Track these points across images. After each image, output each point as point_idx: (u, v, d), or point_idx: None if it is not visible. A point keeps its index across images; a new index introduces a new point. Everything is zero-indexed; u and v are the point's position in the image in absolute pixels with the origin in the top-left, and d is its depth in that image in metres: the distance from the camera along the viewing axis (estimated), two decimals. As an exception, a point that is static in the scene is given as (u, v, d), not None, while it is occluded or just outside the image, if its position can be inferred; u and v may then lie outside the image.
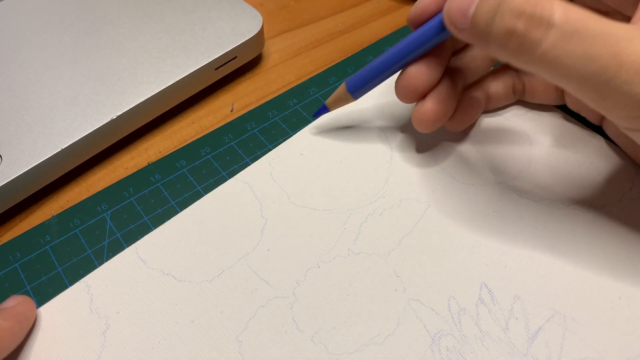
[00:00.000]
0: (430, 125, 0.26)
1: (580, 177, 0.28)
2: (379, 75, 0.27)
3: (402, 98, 0.26)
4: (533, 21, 0.19)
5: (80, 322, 0.23)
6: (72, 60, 0.31)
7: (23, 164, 0.27)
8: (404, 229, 0.26)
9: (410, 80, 0.25)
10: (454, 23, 0.22)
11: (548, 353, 0.22)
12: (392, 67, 0.26)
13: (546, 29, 0.19)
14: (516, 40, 0.20)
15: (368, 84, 0.27)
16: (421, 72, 0.25)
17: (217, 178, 0.29)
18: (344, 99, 0.28)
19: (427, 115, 0.26)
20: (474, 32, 0.21)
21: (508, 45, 0.20)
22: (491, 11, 0.20)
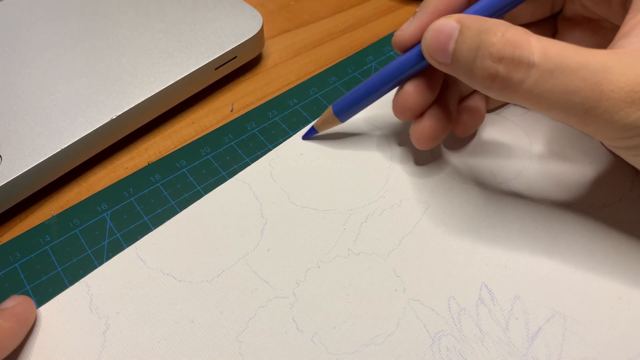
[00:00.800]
0: (429, 143, 0.26)
1: (580, 177, 0.28)
2: (365, 99, 0.27)
3: (399, 116, 0.26)
4: (513, 64, 0.20)
5: (80, 322, 0.23)
6: (72, 60, 0.31)
7: (23, 164, 0.27)
8: (404, 229, 0.26)
9: (407, 99, 0.25)
10: (434, 58, 0.23)
11: (548, 353, 0.22)
12: (378, 91, 0.27)
13: (527, 69, 0.20)
14: (499, 83, 0.21)
15: (354, 107, 0.28)
16: (417, 90, 0.25)
17: (217, 178, 0.29)
18: (330, 122, 0.29)
19: (425, 134, 0.26)
20: (455, 69, 0.22)
21: (492, 87, 0.21)
22: (471, 50, 0.21)
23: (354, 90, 0.28)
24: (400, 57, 0.25)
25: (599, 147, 0.29)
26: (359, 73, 0.34)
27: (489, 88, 0.21)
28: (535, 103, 0.21)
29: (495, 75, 0.20)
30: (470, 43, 0.21)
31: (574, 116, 0.20)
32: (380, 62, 0.34)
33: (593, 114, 0.20)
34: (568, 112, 0.20)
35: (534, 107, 0.21)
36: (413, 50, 0.25)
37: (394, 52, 0.35)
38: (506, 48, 0.20)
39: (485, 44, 0.20)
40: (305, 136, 0.30)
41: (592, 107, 0.19)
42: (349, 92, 0.28)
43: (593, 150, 0.29)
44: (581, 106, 0.20)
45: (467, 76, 0.22)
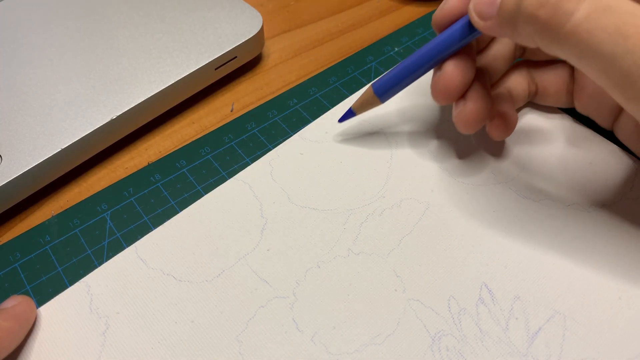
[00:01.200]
0: (475, 125, 0.26)
1: (580, 177, 0.28)
2: (406, 77, 0.26)
3: (441, 99, 0.25)
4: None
5: (80, 322, 0.23)
6: (72, 60, 0.31)
7: (23, 164, 0.27)
8: (404, 229, 0.26)
9: (448, 81, 0.25)
10: (481, 14, 0.22)
11: (548, 353, 0.22)
12: (420, 69, 0.26)
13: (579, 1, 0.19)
14: (547, 11, 0.19)
15: (395, 86, 0.27)
16: (457, 71, 0.25)
17: (217, 178, 0.29)
18: (371, 103, 0.28)
19: (471, 115, 0.25)
20: (501, 18, 0.21)
21: (538, 19, 0.20)
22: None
23: (395, 69, 0.27)
24: (441, 33, 0.25)
25: (599, 147, 0.29)
26: (359, 73, 0.34)
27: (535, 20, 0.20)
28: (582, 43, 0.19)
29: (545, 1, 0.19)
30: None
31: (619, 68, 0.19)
32: (380, 62, 0.34)
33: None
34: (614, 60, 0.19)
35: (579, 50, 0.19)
36: (455, 26, 0.24)
37: (395, 52, 0.35)
38: None
39: None
40: (342, 119, 0.29)
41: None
42: (390, 71, 0.27)
43: (593, 150, 0.29)
44: (630, 55, 0.18)
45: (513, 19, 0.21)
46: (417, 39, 0.36)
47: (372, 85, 0.28)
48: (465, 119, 0.25)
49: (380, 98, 0.28)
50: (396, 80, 0.27)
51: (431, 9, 0.38)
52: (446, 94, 0.25)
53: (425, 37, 0.36)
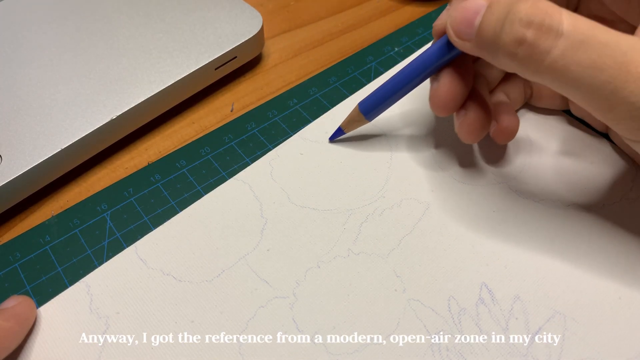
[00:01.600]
0: (479, 134, 0.26)
1: (580, 177, 0.28)
2: (392, 96, 0.27)
3: (439, 111, 0.25)
4: (542, 30, 0.19)
5: (80, 322, 0.23)
6: (72, 60, 0.31)
7: (23, 164, 0.27)
8: (404, 229, 0.26)
9: (446, 93, 0.24)
10: (459, 34, 0.22)
11: (548, 353, 0.22)
12: (406, 86, 0.26)
13: (555, 38, 0.19)
14: (526, 50, 0.20)
15: (381, 105, 0.27)
16: (454, 82, 0.24)
17: (217, 178, 0.29)
18: (357, 121, 0.28)
19: (473, 125, 0.25)
20: (480, 43, 0.21)
21: (517, 55, 0.20)
22: (499, 20, 0.20)
23: (380, 88, 0.27)
24: (427, 48, 0.25)
25: (599, 148, 0.29)
26: (359, 73, 0.34)
27: (514, 56, 0.20)
28: (560, 77, 0.20)
29: (522, 40, 0.20)
30: (498, 14, 0.20)
31: (598, 97, 0.19)
32: (380, 62, 0.34)
33: (618, 96, 0.19)
34: (592, 91, 0.19)
35: (558, 83, 0.20)
36: (438, 43, 0.24)
37: (395, 52, 0.35)
38: (536, 14, 0.20)
39: (515, 10, 0.20)
40: (331, 138, 0.30)
41: (618, 88, 0.19)
42: (376, 90, 0.27)
43: (593, 150, 0.29)
44: (607, 85, 0.19)
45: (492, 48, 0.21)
46: (417, 39, 0.36)
47: (358, 104, 0.28)
48: (468, 129, 0.25)
49: (366, 117, 0.28)
50: (382, 100, 0.27)
51: (431, 9, 0.38)
52: (445, 106, 0.25)
53: (425, 37, 0.36)
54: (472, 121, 0.25)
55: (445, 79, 0.24)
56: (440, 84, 0.25)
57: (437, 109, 0.25)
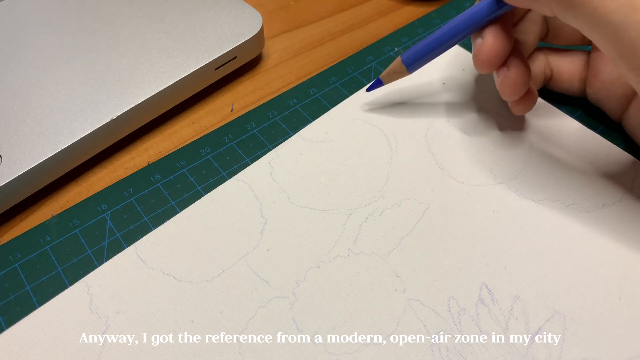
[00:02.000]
0: (520, 90, 0.26)
1: (580, 177, 0.28)
2: (435, 49, 0.27)
3: (484, 67, 0.26)
4: None
5: (80, 322, 0.23)
6: (72, 60, 0.31)
7: (23, 164, 0.27)
8: (404, 229, 0.26)
9: (490, 49, 0.25)
10: None
11: (548, 353, 0.22)
12: (449, 41, 0.27)
13: None
14: None
15: (424, 57, 0.28)
16: (498, 39, 0.25)
17: (217, 178, 0.29)
18: (399, 72, 0.29)
19: (515, 81, 0.26)
20: None
21: None
22: None
23: (424, 40, 0.28)
24: (471, 7, 0.26)
25: (599, 148, 0.29)
26: (359, 73, 0.34)
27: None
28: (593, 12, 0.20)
29: None
30: None
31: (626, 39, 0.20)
32: (380, 62, 0.34)
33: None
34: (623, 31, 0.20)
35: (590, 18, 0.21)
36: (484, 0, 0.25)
37: (395, 52, 0.35)
38: None
39: None
40: (369, 88, 0.30)
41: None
42: (419, 42, 0.28)
43: (593, 150, 0.29)
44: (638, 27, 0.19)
45: None
46: (417, 39, 0.36)
47: (400, 55, 0.28)
48: (511, 84, 0.26)
49: (408, 68, 0.28)
50: (425, 52, 0.28)
51: (431, 9, 0.38)
52: (489, 61, 0.26)
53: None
54: (514, 77, 0.26)
55: (489, 35, 0.26)
56: (485, 40, 0.26)
57: (481, 64, 0.26)
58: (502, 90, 0.27)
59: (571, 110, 0.31)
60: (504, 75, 0.26)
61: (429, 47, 0.27)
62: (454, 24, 0.26)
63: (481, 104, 0.31)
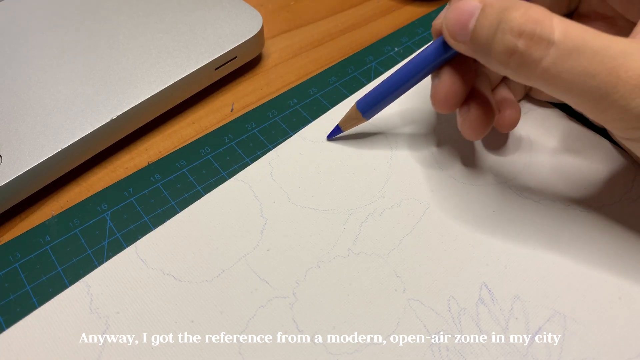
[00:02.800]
0: (483, 131, 0.26)
1: (580, 177, 0.28)
2: (390, 95, 0.27)
3: (441, 108, 0.25)
4: (533, 40, 0.20)
5: (80, 322, 0.23)
6: (72, 60, 0.31)
7: (23, 164, 0.27)
8: (404, 229, 0.26)
9: (447, 89, 0.24)
10: (454, 35, 0.22)
11: (548, 353, 0.22)
12: (404, 85, 0.26)
13: (546, 47, 0.20)
14: (517, 59, 0.20)
15: (379, 104, 0.27)
16: (455, 79, 0.24)
17: (217, 178, 0.29)
18: (355, 119, 0.29)
19: (477, 122, 0.25)
20: (474, 46, 0.22)
21: (509, 63, 0.21)
22: (492, 26, 0.21)
23: (378, 87, 0.27)
24: (425, 47, 0.25)
25: (599, 147, 0.29)
26: (359, 73, 0.34)
27: (506, 64, 0.21)
28: (552, 84, 0.20)
29: (514, 50, 0.20)
30: (491, 19, 0.21)
31: (589, 101, 0.20)
32: (380, 62, 0.34)
33: (609, 100, 0.20)
34: (584, 96, 0.20)
35: (551, 88, 0.21)
36: (439, 39, 0.24)
37: (395, 52, 0.35)
38: (527, 24, 0.20)
39: (507, 19, 0.20)
40: (329, 136, 0.30)
41: (608, 93, 0.19)
42: (373, 88, 0.27)
43: (593, 150, 0.29)
44: (597, 90, 0.19)
45: (485, 53, 0.21)
46: (417, 39, 0.36)
47: (356, 102, 0.28)
48: (471, 125, 0.25)
49: (364, 115, 0.28)
50: (379, 99, 0.27)
51: (431, 9, 0.38)
52: (446, 102, 0.25)
53: (425, 37, 0.36)
54: (475, 118, 0.25)
55: (445, 75, 0.25)
56: (441, 81, 0.25)
57: (438, 105, 0.25)
58: (463, 131, 0.26)
59: (571, 110, 0.31)
60: (464, 117, 0.25)
61: (383, 93, 0.27)
62: (406, 69, 0.26)
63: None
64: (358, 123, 0.29)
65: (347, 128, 0.29)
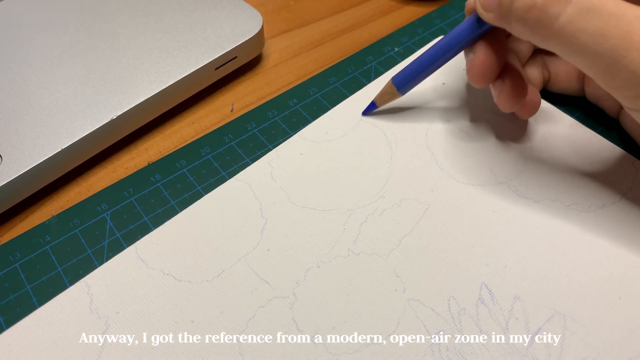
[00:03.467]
0: (518, 101, 0.27)
1: (580, 177, 0.28)
2: (425, 70, 0.28)
3: (477, 82, 0.26)
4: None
5: (80, 322, 0.23)
6: (72, 60, 0.31)
7: (23, 164, 0.27)
8: (404, 229, 0.26)
9: (483, 64, 0.26)
10: (485, 6, 0.24)
11: (548, 353, 0.22)
12: (437, 61, 0.28)
13: (564, 4, 0.21)
14: (535, 14, 0.21)
15: (415, 78, 0.29)
16: (489, 53, 0.26)
17: (217, 178, 0.29)
18: (390, 94, 0.30)
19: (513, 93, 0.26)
20: (499, 13, 0.23)
21: (528, 20, 0.22)
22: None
23: (413, 62, 0.28)
24: (457, 26, 0.26)
25: (599, 147, 0.29)
26: (359, 73, 0.34)
27: (525, 22, 0.22)
28: (567, 44, 0.21)
29: (532, 5, 0.21)
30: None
31: (601, 64, 0.21)
32: (380, 62, 0.34)
33: (620, 64, 0.20)
34: (597, 58, 0.21)
35: (565, 49, 0.21)
36: (473, 16, 0.26)
37: (395, 52, 0.35)
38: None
39: None
40: (365, 112, 0.31)
41: (621, 56, 0.20)
42: (409, 64, 0.29)
43: (593, 150, 0.29)
44: (610, 53, 0.20)
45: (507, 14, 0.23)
46: (417, 39, 0.36)
47: (392, 78, 0.29)
48: (508, 96, 0.27)
49: (400, 90, 0.29)
50: (415, 73, 0.28)
51: (431, 9, 0.38)
52: (483, 76, 0.26)
53: (425, 37, 0.36)
54: (510, 89, 0.26)
55: (480, 50, 0.26)
56: (476, 55, 0.26)
57: (474, 78, 0.26)
58: (499, 103, 0.27)
59: (571, 110, 0.31)
60: (500, 89, 0.27)
61: (419, 68, 0.28)
62: (441, 44, 0.27)
63: (481, 104, 0.31)
64: (393, 98, 0.30)
65: (382, 103, 0.30)
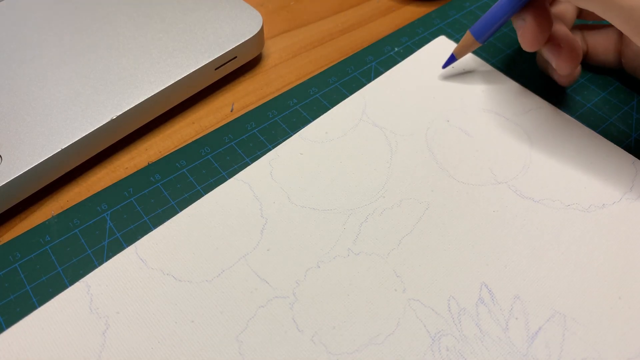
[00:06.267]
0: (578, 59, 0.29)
1: (580, 177, 0.28)
2: (500, 18, 0.30)
3: (530, 46, 0.28)
4: None
5: (80, 322, 0.23)
6: (72, 60, 0.31)
7: (23, 164, 0.27)
8: (404, 229, 0.26)
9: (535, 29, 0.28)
10: None
11: (548, 353, 0.22)
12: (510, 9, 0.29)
13: None
14: None
15: (492, 26, 0.30)
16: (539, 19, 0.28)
17: (217, 178, 0.29)
18: (470, 45, 0.31)
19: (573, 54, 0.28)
20: None
21: None
22: None
23: (488, 12, 0.30)
24: None
25: (599, 147, 0.29)
26: (359, 73, 0.34)
27: None
28: None
29: None
30: None
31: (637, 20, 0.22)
32: (380, 62, 0.34)
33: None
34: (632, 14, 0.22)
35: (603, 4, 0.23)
36: None
37: (395, 52, 0.35)
38: None
39: None
40: (445, 65, 0.33)
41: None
42: (484, 15, 0.30)
43: (593, 150, 0.29)
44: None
45: None
46: (417, 39, 0.36)
47: (469, 29, 0.31)
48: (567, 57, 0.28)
49: (479, 40, 0.31)
50: (491, 22, 0.30)
51: (431, 9, 0.38)
52: (535, 41, 0.28)
53: (425, 37, 0.36)
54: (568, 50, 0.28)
55: (530, 16, 0.28)
56: (528, 23, 0.28)
57: (528, 44, 0.28)
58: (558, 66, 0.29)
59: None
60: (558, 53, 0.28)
61: (495, 16, 0.30)
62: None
63: (481, 104, 0.31)
64: (473, 48, 0.31)
65: (461, 55, 0.32)
